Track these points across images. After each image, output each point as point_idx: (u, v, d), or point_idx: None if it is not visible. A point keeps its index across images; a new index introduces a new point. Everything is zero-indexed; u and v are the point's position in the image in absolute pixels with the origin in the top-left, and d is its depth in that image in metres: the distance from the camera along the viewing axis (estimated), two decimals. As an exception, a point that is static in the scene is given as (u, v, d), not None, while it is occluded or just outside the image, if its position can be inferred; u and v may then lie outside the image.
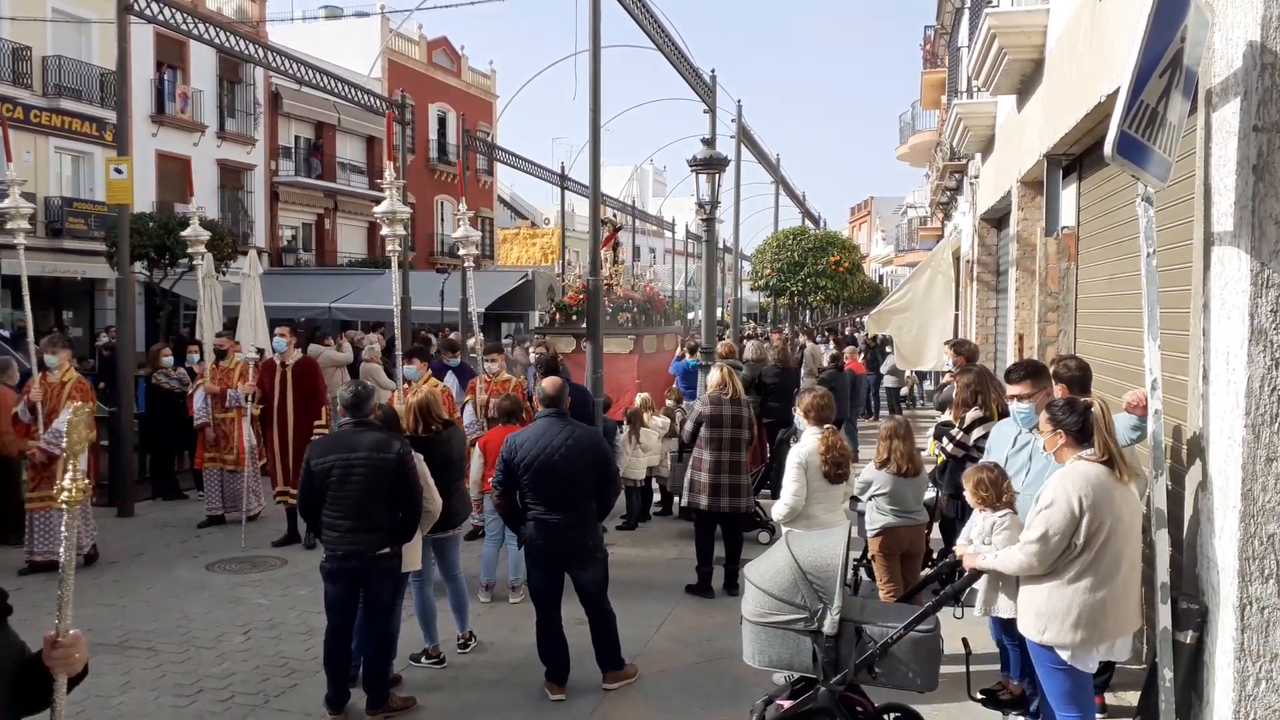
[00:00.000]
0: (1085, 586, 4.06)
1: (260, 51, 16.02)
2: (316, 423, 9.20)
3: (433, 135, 38.01)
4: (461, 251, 9.78)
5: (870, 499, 6.33)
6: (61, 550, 2.55)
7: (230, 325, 17.02)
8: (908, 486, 6.27)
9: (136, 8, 11.64)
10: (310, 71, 16.69)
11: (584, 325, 14.62)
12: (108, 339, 18.43)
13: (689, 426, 7.80)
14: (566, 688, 5.73)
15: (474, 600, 7.01)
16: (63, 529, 2.56)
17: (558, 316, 15.96)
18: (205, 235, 10.74)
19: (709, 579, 7.64)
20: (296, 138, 32.04)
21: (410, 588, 6.06)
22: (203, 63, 27.29)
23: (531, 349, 12.60)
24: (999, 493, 4.87)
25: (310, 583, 7.52)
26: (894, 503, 6.24)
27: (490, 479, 7.27)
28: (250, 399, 9.49)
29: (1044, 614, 4.14)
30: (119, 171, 10.97)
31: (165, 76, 26.45)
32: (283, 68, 16.18)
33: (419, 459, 5.64)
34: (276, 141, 30.61)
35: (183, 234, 11.06)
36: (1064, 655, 4.13)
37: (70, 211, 23.03)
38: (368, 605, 5.37)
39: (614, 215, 20.31)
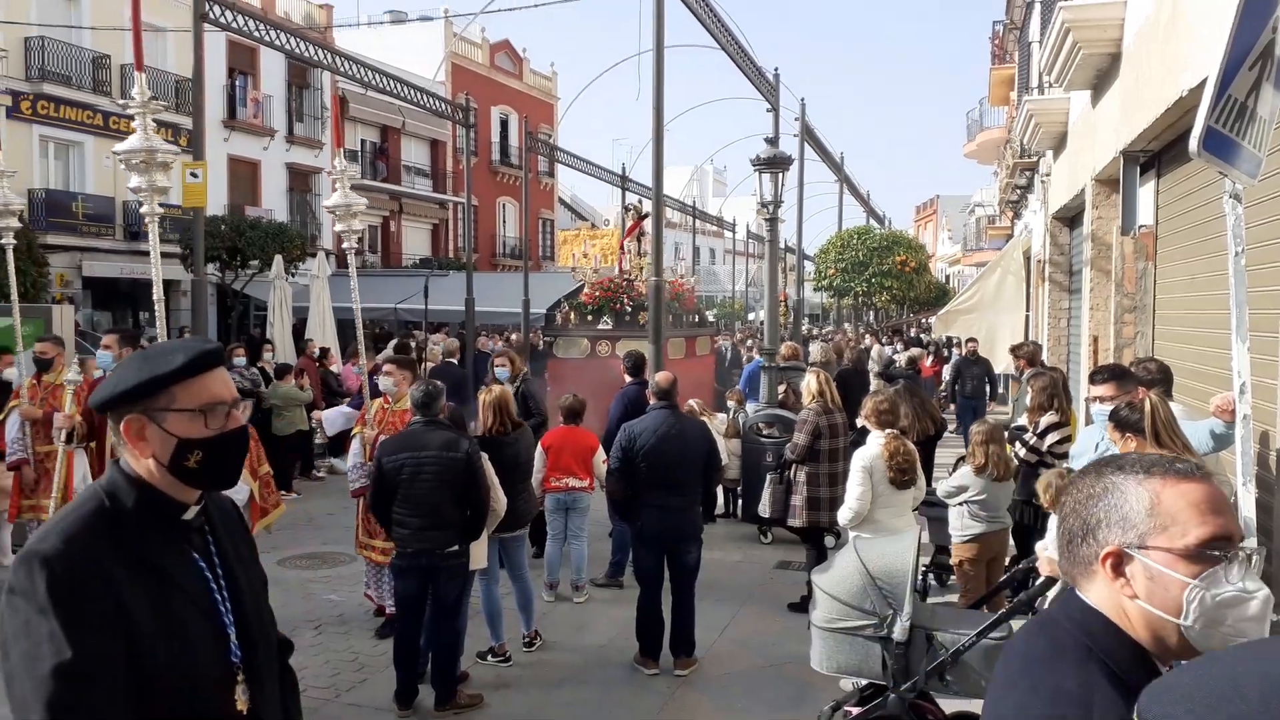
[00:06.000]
0: None
1: (329, 56, 16.32)
2: None
3: (495, 138, 38.39)
4: (339, 227, 6.72)
5: (962, 504, 6.24)
6: None
7: (300, 326, 17.47)
8: (1000, 491, 6.23)
9: (211, 16, 11.94)
10: (377, 76, 16.96)
11: (600, 326, 13.74)
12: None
13: (801, 440, 7.11)
14: (659, 664, 6.08)
15: (537, 599, 7.05)
16: None
17: (571, 316, 14.17)
18: (18, 204, 6.99)
19: None
20: (363, 141, 32.60)
21: (477, 586, 6.12)
22: (272, 68, 27.91)
23: (493, 359, 9.25)
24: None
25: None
26: (986, 509, 6.20)
27: (552, 479, 7.38)
28: (69, 438, 6.30)
29: None
30: (195, 176, 11.25)
31: (236, 82, 27.10)
32: (350, 72, 16.47)
33: (485, 459, 5.69)
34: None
35: None
36: None
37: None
38: (436, 602, 5.43)
39: (639, 202, 17.92)
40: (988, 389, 14.16)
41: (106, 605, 1.72)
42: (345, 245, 6.68)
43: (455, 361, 11.52)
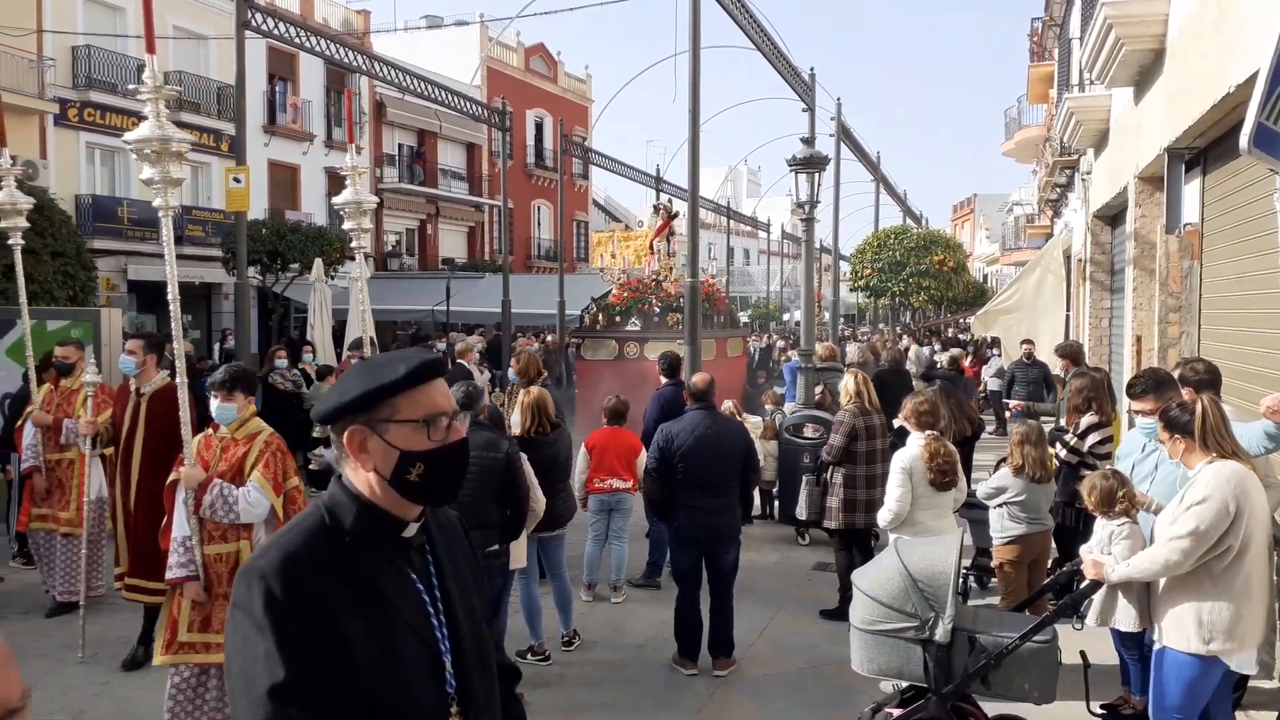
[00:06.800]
0: (1245, 591, 3.96)
1: (366, 61, 16.49)
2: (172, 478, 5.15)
3: (530, 141, 38.58)
4: (349, 225, 6.23)
5: (1001, 506, 6.19)
6: None
7: (340, 328, 17.67)
8: (1040, 492, 6.17)
9: (253, 23, 12.12)
10: (414, 80, 17.12)
11: (629, 328, 13.69)
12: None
13: (837, 441, 7.01)
14: (697, 665, 6.08)
15: (576, 599, 7.08)
16: None
17: (599, 318, 14.10)
18: (26, 204, 6.67)
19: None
20: (400, 145, 32.90)
21: (516, 585, 6.16)
22: (311, 74, 28.25)
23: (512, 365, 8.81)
24: (1113, 501, 4.70)
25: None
26: (1026, 510, 6.13)
27: (596, 480, 7.41)
28: (95, 441, 6.44)
29: (1207, 624, 3.99)
30: (237, 181, 11.43)
31: (276, 88, 27.46)
32: (388, 77, 16.64)
33: (524, 459, 5.72)
34: (381, 149, 31.47)
35: None
36: (1230, 663, 4.00)
37: (189, 219, 24.09)
38: (476, 602, 5.47)
39: (668, 201, 17.65)
40: (1044, 393, 12.58)
41: (322, 626, 1.68)
42: (355, 244, 6.30)
43: (464, 363, 11.70)
